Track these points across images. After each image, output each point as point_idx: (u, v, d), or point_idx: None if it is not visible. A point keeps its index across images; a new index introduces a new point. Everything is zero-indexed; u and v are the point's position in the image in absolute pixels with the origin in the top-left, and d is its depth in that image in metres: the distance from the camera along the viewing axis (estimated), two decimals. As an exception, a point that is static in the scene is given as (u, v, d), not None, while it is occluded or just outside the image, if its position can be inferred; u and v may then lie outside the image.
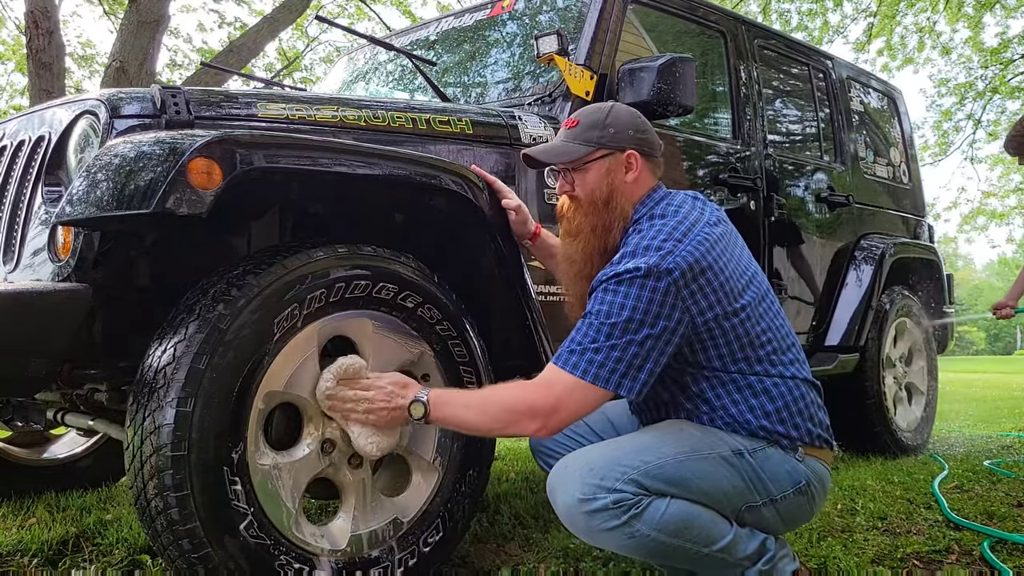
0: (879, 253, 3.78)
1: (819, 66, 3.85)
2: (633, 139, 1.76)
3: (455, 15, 3.23)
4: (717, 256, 1.61)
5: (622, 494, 1.49)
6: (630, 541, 1.51)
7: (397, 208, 2.15)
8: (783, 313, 1.75)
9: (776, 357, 1.65)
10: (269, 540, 1.62)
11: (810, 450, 1.67)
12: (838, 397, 3.81)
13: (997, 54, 13.30)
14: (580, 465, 1.55)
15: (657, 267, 1.54)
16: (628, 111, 1.81)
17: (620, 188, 1.75)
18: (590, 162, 1.76)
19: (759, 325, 1.65)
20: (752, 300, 1.65)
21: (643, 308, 1.53)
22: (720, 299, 1.59)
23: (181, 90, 1.79)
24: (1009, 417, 6.56)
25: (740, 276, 1.65)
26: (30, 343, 1.51)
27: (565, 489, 1.54)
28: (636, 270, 1.55)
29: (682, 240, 1.59)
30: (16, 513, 2.60)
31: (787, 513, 1.65)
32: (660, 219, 1.67)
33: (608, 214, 1.75)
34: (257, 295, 1.61)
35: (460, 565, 2.11)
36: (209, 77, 7.19)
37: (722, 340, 1.61)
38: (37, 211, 1.80)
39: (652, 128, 1.83)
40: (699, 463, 1.57)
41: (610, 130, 1.76)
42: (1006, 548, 2.28)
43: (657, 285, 1.54)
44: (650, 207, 1.74)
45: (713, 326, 1.60)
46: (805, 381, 1.69)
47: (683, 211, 1.69)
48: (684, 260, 1.56)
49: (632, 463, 1.53)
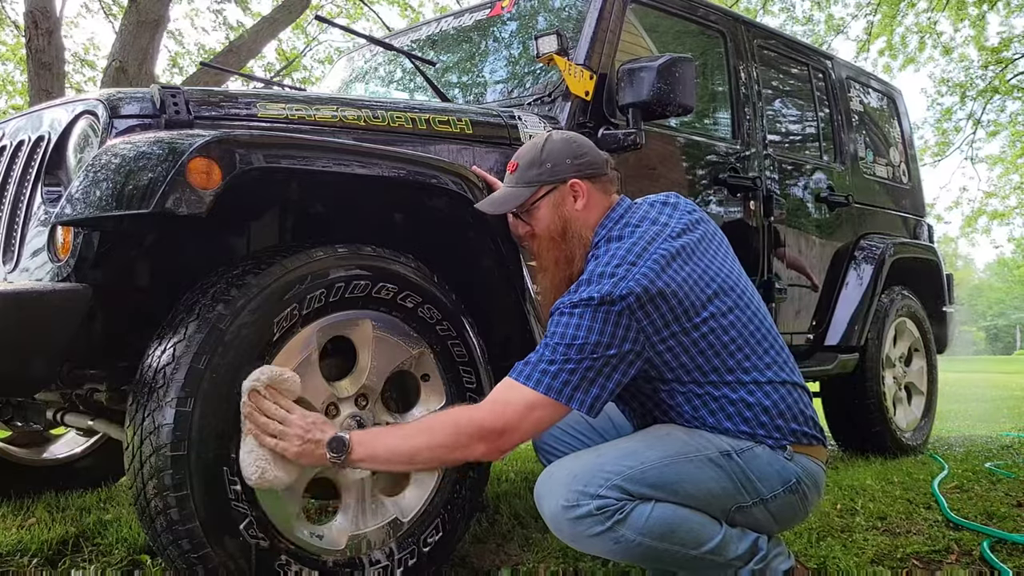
0: (879, 253, 3.78)
1: (819, 66, 3.85)
2: (572, 167, 1.77)
3: (455, 15, 3.23)
4: (675, 272, 1.60)
5: (605, 500, 1.50)
6: (616, 546, 1.51)
7: (397, 208, 2.15)
8: (763, 316, 1.72)
9: (750, 363, 1.64)
10: (269, 540, 1.62)
11: (799, 448, 1.66)
12: (838, 397, 3.82)
13: (997, 53, 13.30)
14: (564, 473, 1.56)
15: (610, 295, 1.54)
16: (562, 139, 1.81)
17: (573, 217, 1.76)
18: (536, 201, 1.78)
19: (727, 334, 1.63)
20: (718, 310, 1.63)
21: (598, 329, 1.54)
22: (679, 316, 1.58)
23: (181, 90, 1.79)
24: (1009, 417, 6.57)
25: (705, 287, 1.63)
26: (30, 343, 1.51)
27: (550, 497, 1.55)
28: (590, 299, 1.56)
29: (636, 263, 1.59)
30: (16, 513, 2.60)
31: (779, 512, 1.65)
32: (616, 241, 1.68)
33: (567, 245, 1.76)
34: (257, 295, 1.61)
35: (460, 565, 2.11)
36: (209, 77, 7.19)
37: (685, 356, 1.61)
38: (37, 211, 1.80)
39: (591, 147, 1.82)
40: (684, 466, 1.57)
41: (547, 165, 1.77)
42: (1006, 548, 2.28)
43: (611, 309, 1.54)
44: (609, 228, 1.73)
45: (673, 343, 1.59)
46: (784, 383, 1.67)
47: (640, 230, 1.68)
48: (638, 284, 1.55)
49: (615, 469, 1.53)
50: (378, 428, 1.67)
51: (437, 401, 1.95)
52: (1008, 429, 5.42)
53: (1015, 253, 24.95)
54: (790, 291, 3.40)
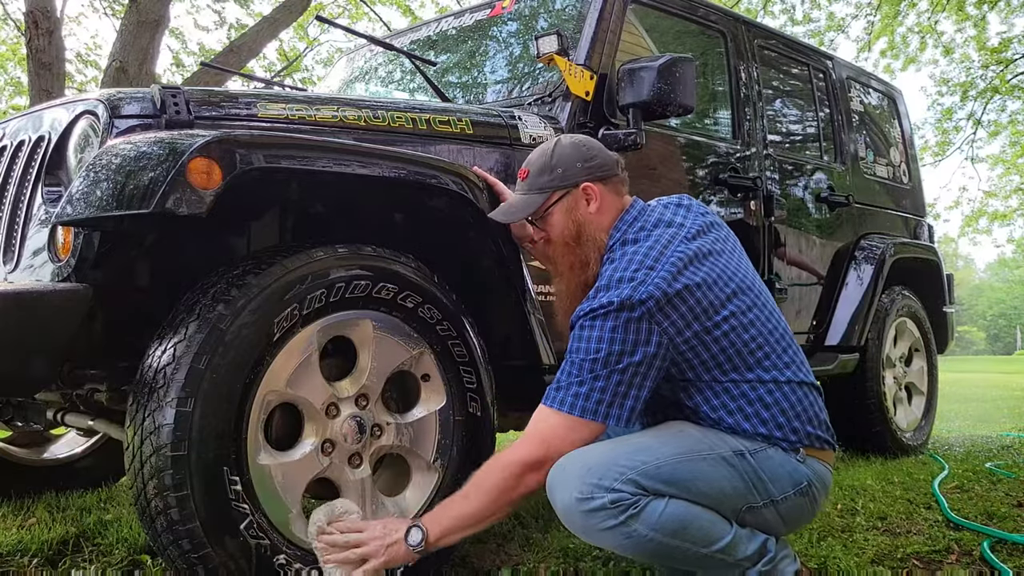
0: (879, 253, 3.78)
1: (819, 66, 3.85)
2: (583, 171, 1.77)
3: (455, 15, 3.23)
4: (692, 273, 1.60)
5: (620, 494, 1.49)
6: (627, 541, 1.51)
7: (397, 208, 2.15)
8: (779, 316, 1.73)
9: (769, 362, 1.64)
10: (269, 540, 1.63)
11: (811, 451, 1.67)
12: (838, 397, 3.82)
13: (997, 53, 13.29)
14: (578, 465, 1.55)
15: (630, 299, 1.55)
16: (572, 143, 1.81)
17: (586, 221, 1.76)
18: (549, 207, 1.78)
19: (747, 333, 1.63)
20: (737, 309, 1.63)
21: (620, 339, 1.55)
22: (699, 315, 1.59)
23: (181, 90, 1.79)
24: (1009, 417, 6.57)
25: (724, 286, 1.64)
26: (30, 343, 1.51)
27: (564, 489, 1.54)
28: (609, 304, 1.56)
29: (654, 267, 1.60)
30: (16, 513, 2.60)
31: (788, 514, 1.65)
32: (632, 245, 1.68)
33: (581, 249, 1.76)
34: (257, 295, 1.62)
35: (460, 565, 2.11)
36: (209, 77, 7.19)
37: (707, 354, 1.61)
38: (37, 211, 1.80)
39: (601, 149, 1.82)
40: (698, 463, 1.57)
41: (558, 170, 1.77)
42: (1006, 548, 2.28)
43: (631, 315, 1.55)
44: (623, 231, 1.74)
45: (695, 343, 1.60)
46: (802, 384, 1.68)
47: (656, 232, 1.68)
48: (657, 288, 1.56)
49: (630, 463, 1.53)
50: (440, 505, 1.69)
51: (437, 401, 1.95)
52: (1008, 429, 5.42)
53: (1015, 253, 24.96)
54: (790, 291, 3.40)
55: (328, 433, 1.77)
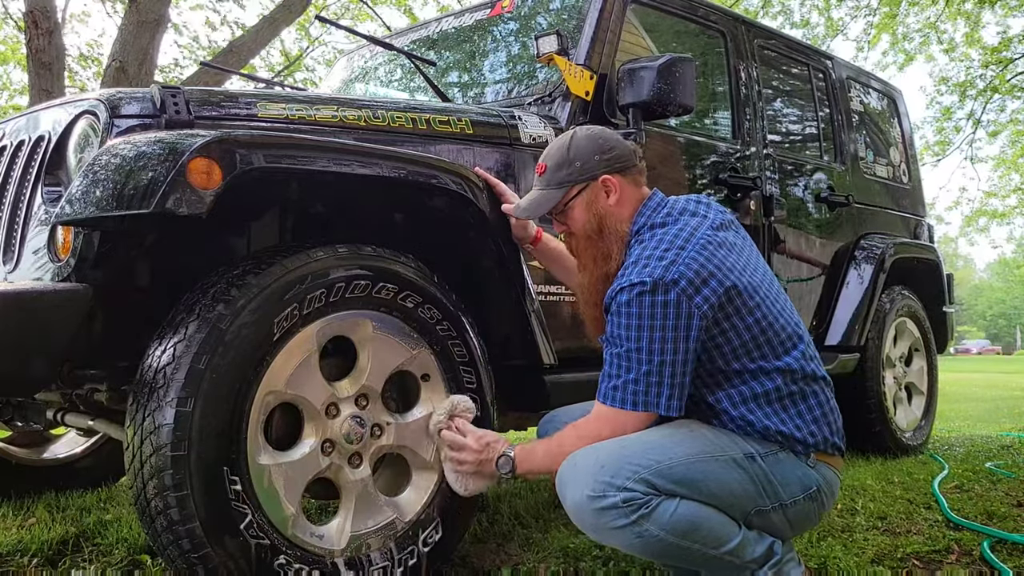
0: (879, 253, 3.78)
1: (819, 66, 3.85)
2: (601, 163, 1.76)
3: (455, 15, 3.23)
4: (723, 258, 1.61)
5: (632, 493, 1.49)
6: (638, 540, 1.50)
7: (397, 208, 2.15)
8: (796, 311, 1.76)
9: (797, 352, 1.66)
10: (269, 540, 1.62)
11: (822, 456, 1.67)
12: (838, 397, 3.80)
13: (997, 52, 13.29)
14: (591, 462, 1.54)
15: (662, 279, 1.55)
16: (587, 136, 1.80)
17: (607, 213, 1.76)
18: (570, 201, 1.78)
19: (777, 321, 1.65)
20: (768, 296, 1.66)
21: (660, 325, 1.56)
22: (732, 297, 1.60)
23: (181, 90, 1.79)
24: (1009, 417, 6.57)
25: (752, 274, 1.66)
26: (30, 343, 1.51)
27: (575, 485, 1.53)
28: (642, 284, 1.57)
29: (684, 247, 1.60)
30: (16, 513, 2.60)
31: (796, 518, 1.65)
32: (660, 228, 1.69)
33: (603, 241, 1.76)
34: (257, 295, 1.62)
35: (460, 565, 2.11)
36: (209, 77, 7.18)
37: (737, 341, 1.61)
38: (37, 211, 1.80)
39: (618, 140, 1.82)
40: (710, 464, 1.57)
41: (576, 164, 1.77)
42: (1006, 548, 2.28)
43: (667, 299, 1.55)
44: (647, 216, 1.74)
45: (727, 327, 1.60)
46: (822, 379, 1.70)
47: (683, 219, 1.70)
48: (688, 268, 1.57)
49: (643, 462, 1.52)
50: (532, 445, 1.77)
51: (437, 401, 1.95)
52: (1008, 429, 5.42)
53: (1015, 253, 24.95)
54: (790, 291, 3.40)
55: (328, 433, 1.76)
